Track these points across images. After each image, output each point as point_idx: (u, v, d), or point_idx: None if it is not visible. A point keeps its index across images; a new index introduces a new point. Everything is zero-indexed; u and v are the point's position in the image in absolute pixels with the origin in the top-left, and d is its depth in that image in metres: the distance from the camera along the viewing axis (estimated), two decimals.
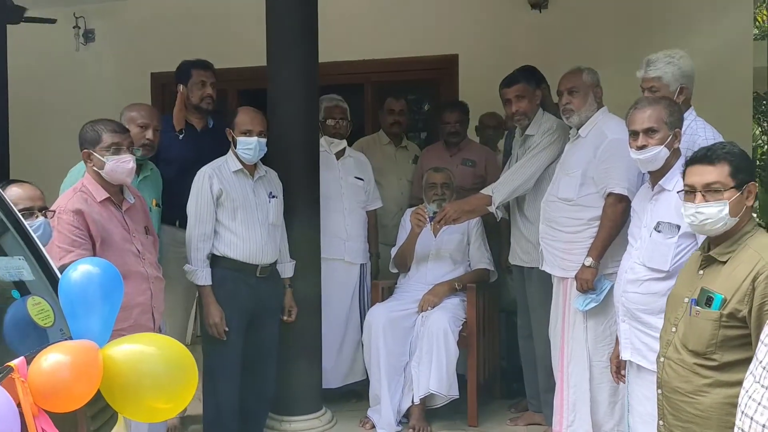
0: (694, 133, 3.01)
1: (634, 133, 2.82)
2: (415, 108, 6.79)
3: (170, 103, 4.18)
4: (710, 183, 2.28)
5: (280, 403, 3.90)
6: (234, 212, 3.53)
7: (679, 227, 2.66)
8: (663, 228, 2.73)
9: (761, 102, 9.54)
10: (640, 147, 2.79)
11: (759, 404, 1.42)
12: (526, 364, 4.03)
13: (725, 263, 2.25)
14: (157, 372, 1.72)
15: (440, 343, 3.85)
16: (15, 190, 2.62)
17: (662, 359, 2.37)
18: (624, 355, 2.88)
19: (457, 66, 5.83)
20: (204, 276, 3.50)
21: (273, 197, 3.67)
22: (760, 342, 1.49)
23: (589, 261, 3.28)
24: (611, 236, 3.27)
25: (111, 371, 1.67)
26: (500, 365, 4.54)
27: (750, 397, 1.45)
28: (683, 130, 2.87)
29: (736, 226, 2.27)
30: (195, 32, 5.93)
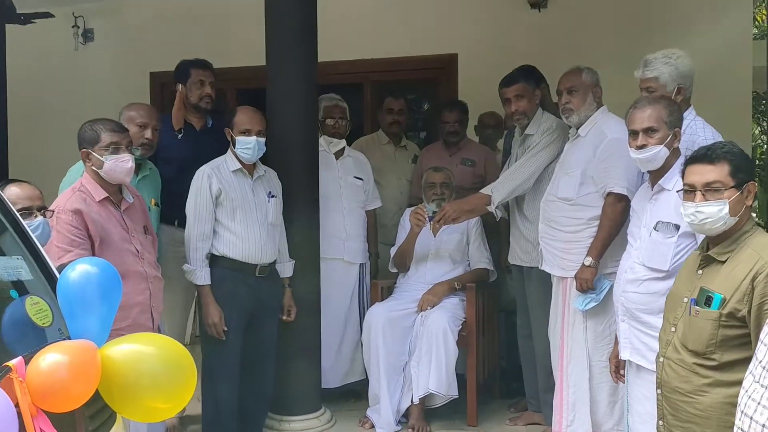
0: (694, 133, 3.01)
1: (634, 133, 2.82)
2: (415, 107, 6.78)
3: (169, 103, 4.18)
4: (710, 182, 2.27)
5: (279, 403, 3.90)
6: (233, 212, 3.52)
7: (679, 227, 2.66)
8: (662, 227, 2.73)
9: (760, 101, 9.53)
10: (640, 146, 2.79)
11: (759, 404, 1.42)
12: (526, 364, 4.03)
13: (724, 263, 2.24)
14: (156, 372, 1.72)
15: (439, 343, 3.84)
16: (14, 190, 2.62)
17: (661, 359, 2.37)
18: (623, 355, 2.88)
19: (457, 65, 5.82)
20: (203, 276, 3.49)
21: (272, 197, 3.67)
22: (760, 341, 1.49)
23: (589, 260, 3.28)
24: (611, 236, 3.27)
25: (109, 371, 1.66)
26: (500, 365, 4.54)
27: (750, 397, 1.45)
28: (682, 130, 2.87)
29: (735, 226, 2.27)
30: (194, 31, 5.92)
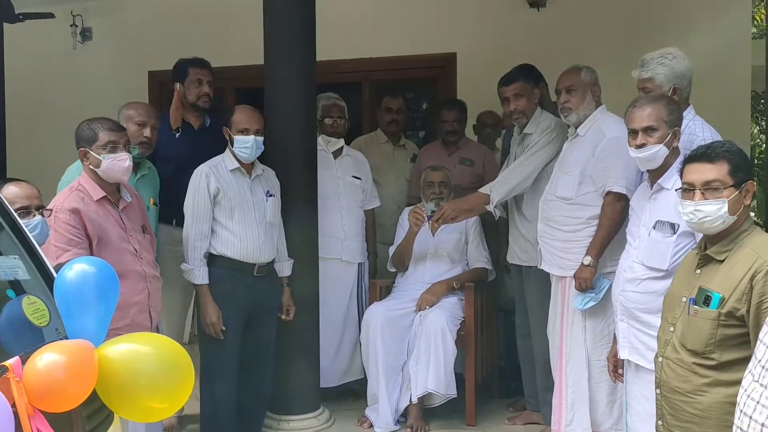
0: (693, 132, 3.00)
1: (634, 132, 2.81)
2: (413, 106, 6.77)
3: (168, 102, 4.18)
4: (710, 181, 2.28)
5: (278, 402, 3.90)
6: (231, 211, 3.52)
7: (678, 226, 2.66)
8: (662, 227, 2.72)
9: (759, 101, 9.53)
10: (639, 145, 2.78)
11: (758, 403, 1.42)
12: (525, 363, 4.02)
13: (722, 262, 2.24)
14: (153, 371, 1.72)
15: (438, 342, 3.84)
16: (12, 189, 2.62)
17: (660, 359, 2.37)
18: (622, 354, 2.88)
19: (455, 64, 5.81)
20: (201, 275, 3.49)
21: (270, 196, 3.67)
22: (759, 341, 1.49)
23: (588, 260, 3.28)
24: (610, 235, 3.27)
25: (107, 371, 1.66)
26: (498, 364, 4.54)
27: (749, 396, 1.45)
28: (681, 129, 2.86)
29: (734, 225, 2.27)
30: (192, 31, 5.91)
